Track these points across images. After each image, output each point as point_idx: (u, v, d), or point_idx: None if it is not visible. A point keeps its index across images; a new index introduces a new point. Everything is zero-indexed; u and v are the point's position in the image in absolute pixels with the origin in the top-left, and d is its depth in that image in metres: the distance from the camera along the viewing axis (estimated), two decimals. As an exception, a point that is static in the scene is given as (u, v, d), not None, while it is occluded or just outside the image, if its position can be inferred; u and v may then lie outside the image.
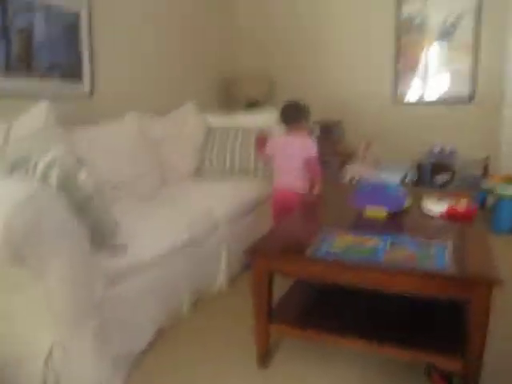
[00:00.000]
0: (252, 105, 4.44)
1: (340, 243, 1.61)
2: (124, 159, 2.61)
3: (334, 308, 1.80)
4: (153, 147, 2.92)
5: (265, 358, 1.72)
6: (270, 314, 1.67)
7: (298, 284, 2.02)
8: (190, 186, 2.85)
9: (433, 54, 4.24)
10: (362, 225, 1.92)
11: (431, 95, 4.29)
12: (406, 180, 3.79)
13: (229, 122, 3.41)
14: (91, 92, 2.87)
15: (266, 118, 3.35)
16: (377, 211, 1.94)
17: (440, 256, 1.48)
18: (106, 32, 2.97)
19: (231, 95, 4.56)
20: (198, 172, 3.15)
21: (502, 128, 4.12)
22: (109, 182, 2.31)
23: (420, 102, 4.33)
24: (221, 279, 2.42)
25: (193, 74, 4.03)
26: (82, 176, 1.56)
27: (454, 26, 4.12)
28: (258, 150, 2.86)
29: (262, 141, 2.77)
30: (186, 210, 2.30)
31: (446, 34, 4.15)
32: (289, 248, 1.67)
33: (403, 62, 4.31)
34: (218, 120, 3.42)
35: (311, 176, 2.53)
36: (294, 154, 2.52)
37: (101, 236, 1.67)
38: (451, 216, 1.92)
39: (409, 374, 1.66)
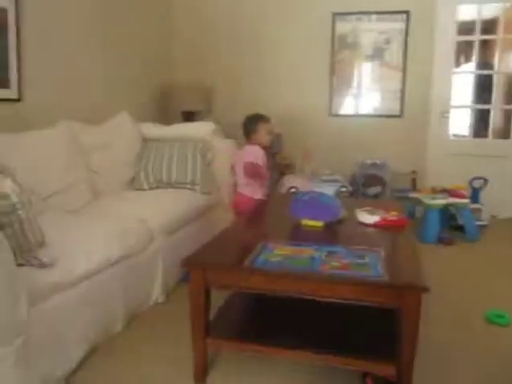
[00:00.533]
0: (189, 116, 4.40)
1: (278, 254, 1.61)
2: (53, 169, 2.48)
3: (272, 319, 1.80)
4: (85, 157, 2.80)
5: (202, 373, 1.68)
6: (208, 328, 1.64)
7: (237, 295, 2.00)
8: (124, 197, 2.76)
9: (365, 71, 4.45)
10: (299, 235, 1.94)
11: (364, 110, 4.49)
12: (341, 191, 3.91)
13: (165, 132, 3.35)
14: (19, 98, 2.72)
15: (204, 130, 3.31)
16: (313, 222, 1.97)
17: (373, 264, 1.52)
18: (36, 33, 2.82)
19: (168, 105, 4.50)
20: (133, 183, 3.06)
21: (428, 144, 4.38)
22: (37, 193, 2.19)
23: (354, 116, 4.51)
24: (157, 292, 2.35)
25: (129, 82, 3.93)
26: (4, 185, 1.46)
27: (384, 46, 4.34)
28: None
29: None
30: (119, 221, 2.21)
31: (377, 53, 4.37)
32: (226, 259, 1.65)
33: (338, 77, 4.48)
34: (153, 131, 3.36)
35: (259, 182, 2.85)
36: (240, 162, 2.89)
37: (26, 249, 1.56)
38: (383, 226, 2.00)
39: (347, 380, 1.68)
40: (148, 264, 2.29)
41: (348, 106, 4.52)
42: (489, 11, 4.34)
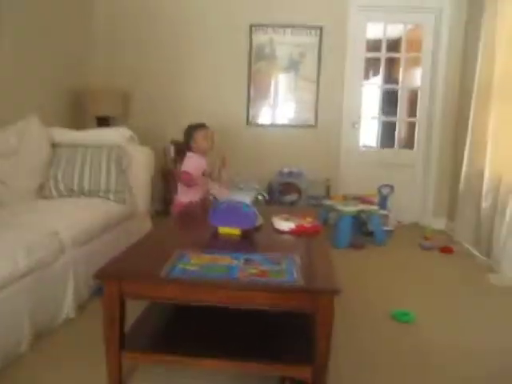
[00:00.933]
0: (104, 122, 4.25)
1: (195, 263, 1.60)
2: None
3: (190, 329, 1.78)
4: (-14, 163, 2.59)
5: (117, 388, 1.61)
6: (122, 340, 1.58)
7: (154, 306, 1.95)
8: (31, 207, 2.58)
9: (282, 82, 4.58)
10: (216, 243, 1.94)
11: (280, 119, 4.61)
12: (258, 199, 3.97)
13: (77, 138, 3.19)
14: None
15: (118, 136, 3.20)
16: (230, 230, 1.98)
17: (289, 270, 1.56)
18: None
19: (82, 110, 4.31)
20: (42, 192, 2.88)
21: (340, 153, 4.60)
22: None
23: (271, 125, 4.62)
24: (68, 307, 2.22)
25: (40, 84, 3.69)
26: None
27: (299, 59, 4.50)
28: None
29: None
30: (25, 232, 2.07)
31: (293, 65, 4.52)
32: (142, 269, 1.60)
33: (256, 87, 4.56)
34: (65, 136, 3.18)
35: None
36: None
37: None
38: (299, 233, 2.06)
39: (263, 388, 1.71)
40: (58, 277, 2.16)
41: (265, 115, 4.62)
42: (394, 31, 4.67)
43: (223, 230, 1.99)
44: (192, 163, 3.06)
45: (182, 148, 4.38)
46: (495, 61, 3.36)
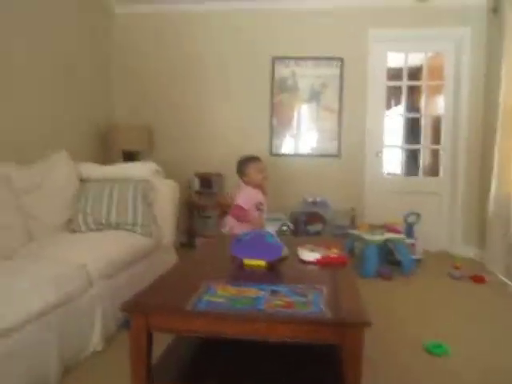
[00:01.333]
0: (130, 156, 4.36)
1: (221, 295, 1.59)
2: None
3: (216, 362, 1.76)
4: (17, 198, 2.67)
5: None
6: (149, 373, 1.57)
7: (181, 338, 1.95)
8: (60, 240, 2.64)
9: (304, 113, 4.63)
10: (242, 275, 1.94)
11: (303, 149, 4.64)
12: (283, 229, 3.96)
13: (104, 173, 3.28)
14: None
15: (144, 170, 3.27)
16: (256, 261, 1.97)
17: (316, 302, 1.54)
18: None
19: (109, 145, 4.44)
20: (70, 225, 2.94)
21: (364, 182, 4.57)
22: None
23: (294, 155, 4.65)
24: (96, 340, 2.23)
25: (68, 121, 3.85)
26: None
27: (320, 90, 4.56)
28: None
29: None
30: (55, 265, 2.11)
31: (315, 96, 4.57)
32: (168, 302, 1.61)
33: (278, 118, 4.62)
34: (92, 171, 3.28)
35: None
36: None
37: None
38: (325, 263, 2.04)
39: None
40: (86, 310, 2.19)
41: (288, 145, 4.66)
42: (414, 60, 4.71)
43: (248, 261, 1.99)
44: (246, 196, 3.03)
45: (207, 180, 4.47)
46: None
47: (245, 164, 3.07)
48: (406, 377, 2.05)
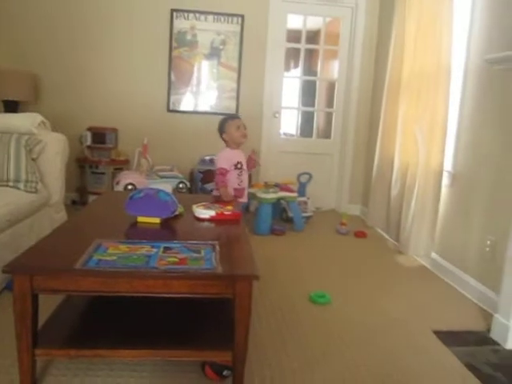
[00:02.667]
0: (12, 106, 3.98)
1: (112, 253, 1.56)
2: None
3: (107, 321, 1.74)
4: None
5: (29, 386, 1.54)
6: (35, 337, 1.51)
7: (69, 300, 1.88)
8: None
9: (204, 69, 4.54)
10: (135, 233, 1.91)
11: (202, 106, 4.59)
12: (179, 187, 3.94)
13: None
14: None
15: (28, 122, 3.00)
16: (150, 219, 1.95)
17: (208, 258, 1.58)
18: None
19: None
20: None
21: (261, 142, 4.67)
22: None
23: (192, 112, 4.58)
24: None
25: None
26: None
27: (220, 47, 4.49)
28: None
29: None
30: None
31: (215, 52, 4.50)
32: (55, 262, 1.54)
33: (176, 73, 4.49)
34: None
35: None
36: None
37: None
38: (219, 220, 2.08)
39: (187, 371, 1.72)
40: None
41: (186, 102, 4.57)
42: (313, 23, 4.81)
43: (142, 219, 1.96)
44: (225, 156, 3.00)
45: (101, 135, 4.24)
46: (403, 60, 3.57)
47: (224, 122, 3.05)
48: (293, 325, 2.20)
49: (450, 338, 2.16)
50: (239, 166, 2.99)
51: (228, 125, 3.02)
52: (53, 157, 2.99)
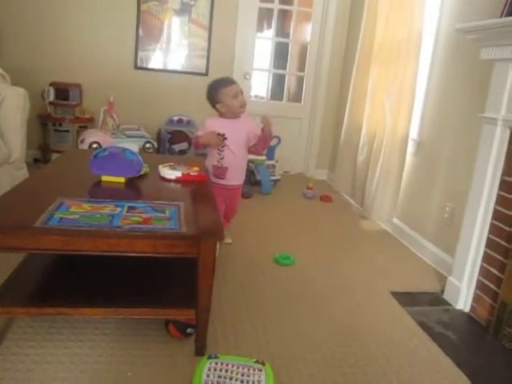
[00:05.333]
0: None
1: (75, 211, 1.53)
2: None
3: (69, 279, 1.73)
4: None
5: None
6: (-5, 295, 1.50)
7: (30, 258, 1.86)
8: None
9: (174, 26, 4.39)
10: (99, 192, 1.88)
11: (171, 65, 4.46)
12: (146, 147, 3.87)
13: None
14: None
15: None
16: (114, 178, 1.92)
17: (173, 217, 1.57)
18: None
19: None
20: None
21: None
22: None
23: (161, 70, 4.45)
24: None
25: None
26: None
27: (191, 3, 4.34)
28: None
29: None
30: None
31: (186, 8, 4.34)
32: (14, 219, 1.50)
33: (145, 29, 4.33)
34: None
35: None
36: None
37: None
38: (185, 181, 2.07)
39: (150, 329, 1.75)
40: None
41: (155, 60, 4.43)
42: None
43: (106, 178, 1.93)
44: (205, 127, 2.42)
45: (64, 91, 4.08)
46: (376, 28, 3.55)
47: (215, 90, 2.39)
48: (256, 284, 2.25)
49: (405, 299, 2.26)
50: (220, 138, 2.36)
51: (222, 93, 2.36)
52: (12, 112, 2.86)
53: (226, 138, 2.37)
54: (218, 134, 2.34)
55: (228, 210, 2.59)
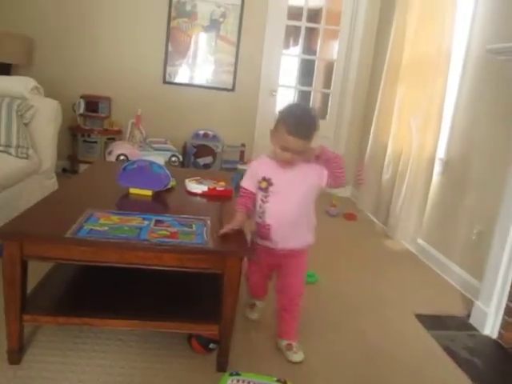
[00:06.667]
0: (4, 69, 3.89)
1: (103, 223, 1.56)
2: None
3: (97, 290, 1.75)
4: None
5: (17, 353, 1.55)
6: (24, 303, 1.52)
7: (59, 268, 1.89)
8: None
9: (202, 42, 4.47)
10: (127, 204, 1.91)
11: (198, 80, 4.53)
12: (172, 160, 3.92)
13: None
14: None
15: (20, 86, 2.93)
16: (142, 191, 1.95)
17: (200, 232, 1.59)
18: None
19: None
20: None
21: (256, 119, 4.65)
22: None
23: (188, 85, 4.52)
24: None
25: None
26: None
27: (220, 20, 4.41)
28: None
29: None
30: None
31: (214, 25, 4.42)
32: (46, 229, 1.54)
33: (174, 44, 4.41)
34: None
35: None
36: None
37: None
38: (211, 195, 2.08)
39: (173, 343, 1.75)
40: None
41: (183, 74, 4.51)
42: (315, 1, 4.73)
43: (134, 190, 1.96)
44: (250, 170, 1.85)
45: (94, 103, 4.18)
46: (404, 46, 3.54)
47: (279, 120, 1.71)
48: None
49: (430, 322, 2.21)
50: (265, 185, 1.74)
51: (279, 131, 1.70)
52: (45, 123, 2.95)
53: (271, 184, 1.73)
54: (263, 180, 1.74)
55: (280, 284, 1.86)
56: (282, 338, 1.82)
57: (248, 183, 1.80)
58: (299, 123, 1.67)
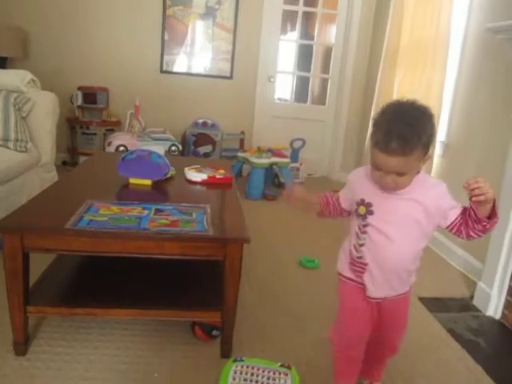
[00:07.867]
0: (0, 62, 3.87)
1: (103, 213, 1.56)
2: None
3: (99, 280, 1.76)
4: None
5: (23, 343, 1.56)
6: (27, 295, 1.53)
7: (61, 259, 1.90)
8: None
9: (199, 30, 4.43)
10: (126, 194, 1.91)
11: (196, 68, 4.50)
12: (171, 150, 3.91)
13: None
14: None
15: (17, 79, 2.91)
16: (141, 180, 1.95)
17: (200, 220, 1.59)
18: None
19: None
20: None
21: (255, 106, 4.62)
22: None
23: (186, 74, 4.49)
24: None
25: None
26: None
27: (216, 7, 4.37)
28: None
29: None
30: None
31: (210, 12, 4.37)
32: (46, 221, 1.54)
33: (170, 33, 4.38)
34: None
35: None
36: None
37: None
38: (211, 184, 2.08)
39: (177, 330, 1.76)
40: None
41: (180, 63, 4.47)
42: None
43: (133, 180, 1.96)
44: (350, 181, 1.47)
45: (92, 95, 4.16)
46: (402, 28, 3.50)
47: (372, 133, 1.19)
48: (281, 287, 2.25)
49: (434, 305, 2.22)
50: (363, 211, 1.31)
51: (372, 147, 1.18)
52: (43, 116, 2.93)
53: (371, 213, 1.29)
54: (362, 204, 1.31)
55: (378, 338, 1.45)
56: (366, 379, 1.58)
57: (343, 198, 1.46)
58: (390, 132, 1.13)
